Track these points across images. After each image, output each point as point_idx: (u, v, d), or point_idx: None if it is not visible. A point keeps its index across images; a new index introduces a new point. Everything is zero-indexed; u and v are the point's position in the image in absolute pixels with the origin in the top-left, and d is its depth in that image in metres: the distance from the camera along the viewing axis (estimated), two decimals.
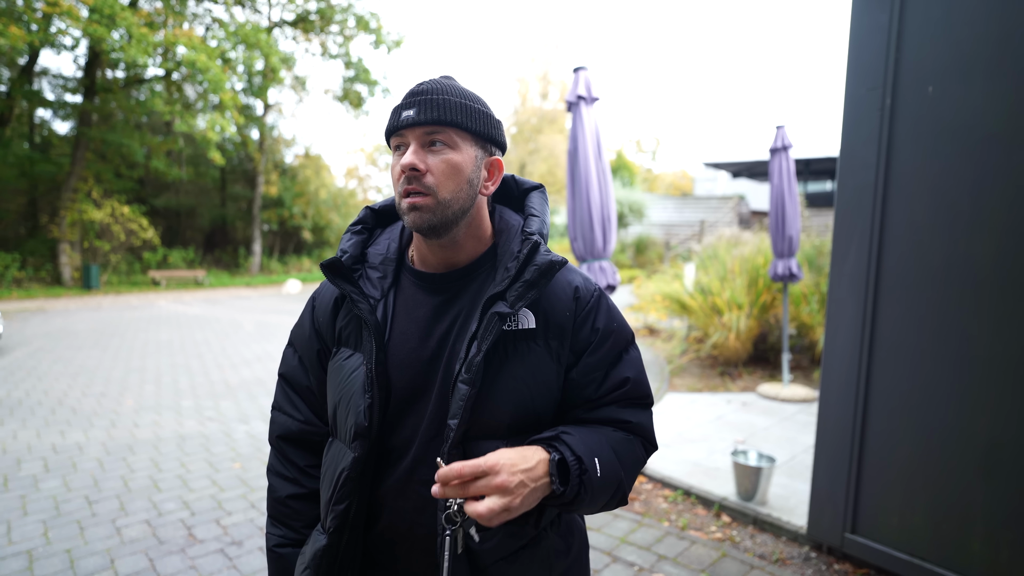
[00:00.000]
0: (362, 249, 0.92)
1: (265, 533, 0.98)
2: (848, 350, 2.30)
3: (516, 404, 0.81)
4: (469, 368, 0.77)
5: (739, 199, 20.28)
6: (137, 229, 16.63)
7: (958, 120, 2.00)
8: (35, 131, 18.04)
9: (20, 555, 2.43)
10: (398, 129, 0.80)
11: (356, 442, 0.81)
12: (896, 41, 2.13)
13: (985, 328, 1.95)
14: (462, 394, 0.77)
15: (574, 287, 0.87)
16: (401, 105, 0.81)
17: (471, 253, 0.87)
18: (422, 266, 0.89)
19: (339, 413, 0.86)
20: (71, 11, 11.82)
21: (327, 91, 21.43)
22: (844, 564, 2.39)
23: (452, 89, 0.81)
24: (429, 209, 0.79)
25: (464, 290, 0.86)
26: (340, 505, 0.82)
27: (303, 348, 0.96)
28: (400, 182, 0.80)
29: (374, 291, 0.87)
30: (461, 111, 0.80)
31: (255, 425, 4.28)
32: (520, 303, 0.78)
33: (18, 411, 4.53)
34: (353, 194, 27.04)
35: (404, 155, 0.79)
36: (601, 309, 0.87)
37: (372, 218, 0.96)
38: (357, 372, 0.84)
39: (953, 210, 2.01)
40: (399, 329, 0.86)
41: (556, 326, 0.84)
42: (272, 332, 8.80)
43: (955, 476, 2.03)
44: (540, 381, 0.83)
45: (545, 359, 0.83)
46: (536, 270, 0.80)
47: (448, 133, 0.79)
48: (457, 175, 0.79)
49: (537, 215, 0.88)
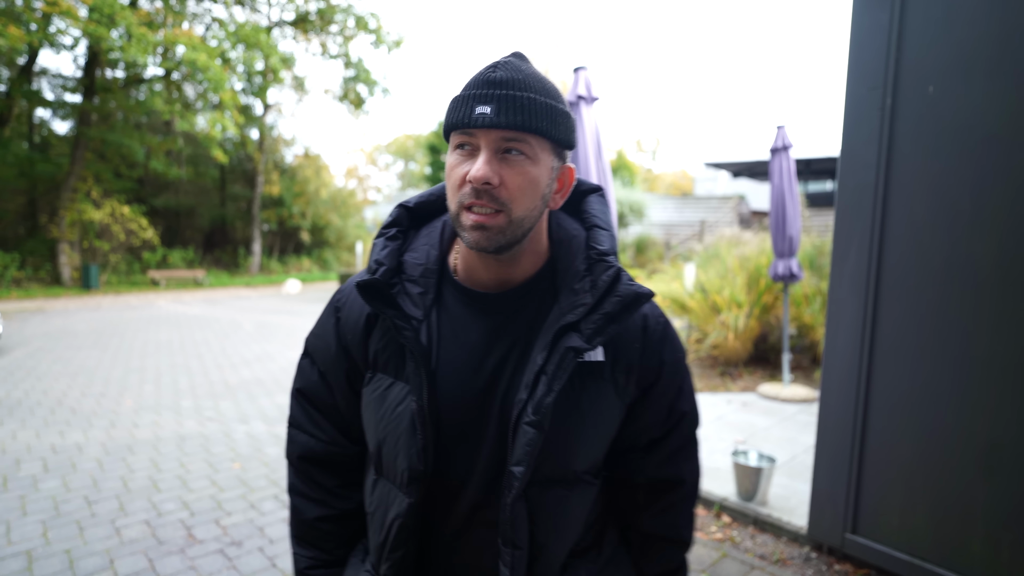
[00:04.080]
0: (398, 258, 0.77)
1: (292, 555, 0.90)
2: (848, 350, 2.30)
3: (582, 445, 0.73)
4: (538, 410, 0.67)
5: (739, 199, 20.28)
6: (137, 229, 16.62)
7: (959, 120, 1.99)
8: (34, 131, 18.02)
9: (19, 555, 2.43)
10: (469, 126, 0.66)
11: (411, 487, 0.72)
12: (897, 41, 2.13)
13: (986, 328, 1.95)
14: (529, 438, 0.67)
15: (643, 315, 0.77)
16: (474, 96, 0.66)
17: (527, 270, 0.75)
18: (469, 281, 0.76)
19: (385, 451, 0.75)
20: (70, 10, 11.81)
21: (327, 91, 21.43)
22: (845, 564, 2.39)
23: (535, 82, 0.67)
24: (499, 230, 0.66)
25: (519, 312, 0.75)
26: (396, 553, 0.74)
27: (326, 365, 0.84)
28: (463, 191, 0.66)
29: (415, 310, 0.74)
30: (547, 115, 0.66)
31: (255, 425, 4.28)
32: (598, 338, 0.69)
33: (17, 411, 4.52)
34: (353, 194, 27.04)
35: (474, 163, 0.66)
36: (668, 339, 0.79)
37: (407, 218, 0.82)
38: (403, 407, 0.73)
39: (954, 210, 2.01)
40: (447, 357, 0.74)
41: (625, 359, 0.75)
42: (272, 332, 8.80)
43: (955, 476, 2.03)
44: (605, 419, 0.74)
45: (611, 397, 0.74)
46: (619, 302, 0.69)
47: (528, 140, 0.66)
48: (534, 190, 0.67)
49: (604, 227, 0.77)
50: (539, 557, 0.73)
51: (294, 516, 0.88)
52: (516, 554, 0.71)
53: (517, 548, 0.71)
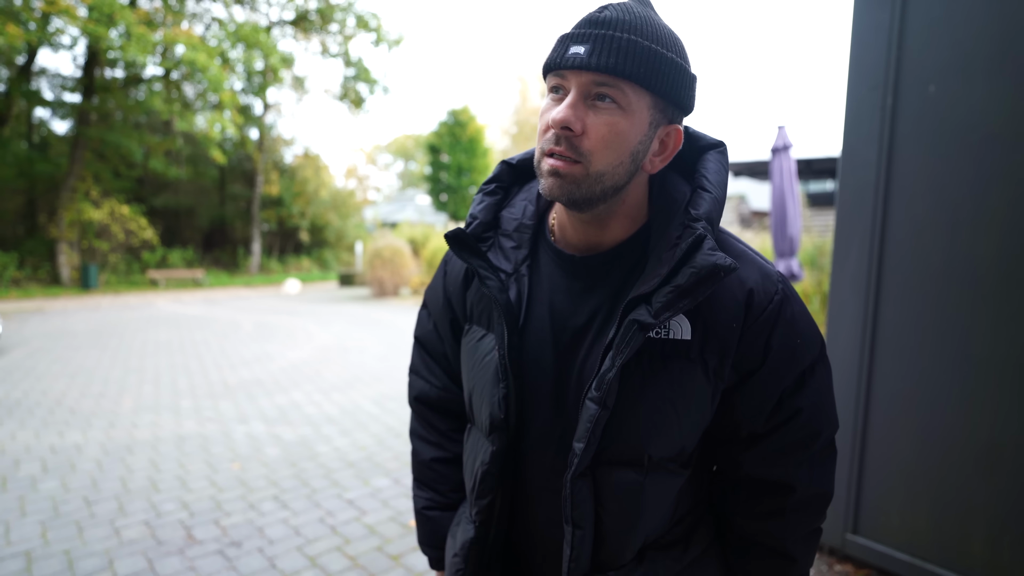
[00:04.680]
0: (495, 213, 0.78)
1: (413, 495, 0.96)
2: (849, 349, 2.30)
3: (658, 427, 0.67)
4: (600, 385, 0.64)
5: (740, 199, 20.28)
6: (136, 229, 16.63)
7: (959, 119, 1.99)
8: (33, 131, 18.02)
9: (18, 556, 2.42)
10: (560, 67, 0.62)
11: (494, 435, 0.73)
12: (897, 40, 2.12)
13: (986, 328, 1.95)
14: (590, 414, 0.64)
15: (748, 289, 0.67)
16: (570, 35, 0.62)
17: (620, 234, 0.70)
18: (561, 242, 0.74)
19: (474, 400, 0.77)
20: (69, 10, 11.81)
21: (327, 90, 21.44)
22: (845, 565, 2.38)
23: (645, 24, 0.61)
24: (574, 179, 0.62)
25: (607, 276, 0.71)
26: (483, 500, 0.76)
27: (437, 314, 0.88)
28: (546, 137, 0.63)
29: (506, 264, 0.74)
30: (648, 60, 0.60)
31: (254, 426, 4.27)
32: (667, 313, 0.61)
33: (16, 411, 4.51)
34: (352, 194, 27.04)
35: (559, 105, 0.62)
36: (780, 321, 0.67)
37: (508, 174, 0.80)
38: (490, 357, 0.74)
39: (954, 209, 2.01)
40: (535, 314, 0.73)
41: (717, 340, 0.66)
42: (271, 332, 8.79)
43: (956, 476, 2.03)
44: (688, 403, 0.67)
45: (699, 379, 0.67)
46: (694, 274, 0.61)
47: (622, 88, 0.60)
48: (620, 145, 0.62)
49: (710, 190, 0.68)
50: (606, 541, 0.70)
51: (414, 458, 0.95)
52: (577, 534, 0.68)
53: (578, 528, 0.68)
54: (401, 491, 3.14)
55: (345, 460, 3.59)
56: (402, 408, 4.73)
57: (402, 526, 2.74)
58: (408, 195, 34.25)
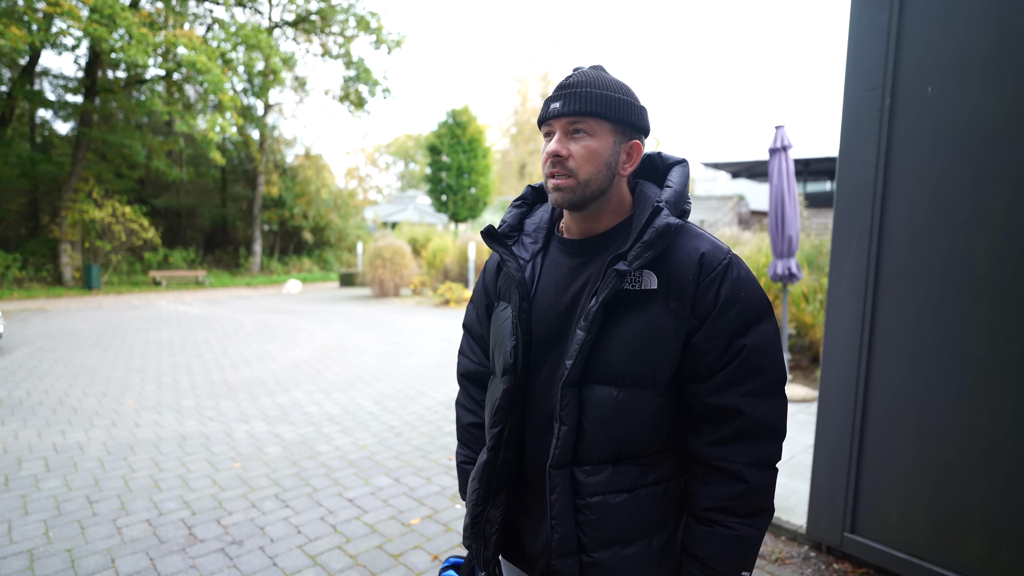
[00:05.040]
0: (520, 220, 1.08)
1: (456, 452, 1.20)
2: (847, 350, 2.31)
3: (630, 354, 0.89)
4: (587, 317, 0.88)
5: (739, 199, 20.26)
6: (138, 229, 16.65)
7: (957, 120, 2.00)
8: (36, 131, 18.07)
9: (21, 554, 2.44)
10: (547, 119, 0.92)
11: (505, 376, 0.97)
12: (895, 41, 2.13)
13: (984, 328, 1.95)
14: (578, 339, 0.88)
15: (701, 253, 0.90)
16: (551, 97, 0.93)
17: (608, 223, 0.97)
18: (567, 234, 1.01)
19: (495, 354, 1.03)
20: (72, 11, 11.83)
21: (327, 91, 21.44)
22: (843, 564, 2.39)
23: (596, 81, 0.91)
24: (570, 189, 0.91)
25: (599, 254, 0.96)
26: (495, 428, 0.98)
27: (478, 303, 1.16)
28: (547, 165, 0.93)
29: (524, 254, 1.02)
30: (601, 102, 0.89)
31: (255, 425, 4.29)
32: (638, 262, 0.86)
33: (19, 411, 4.53)
34: (353, 194, 27.06)
35: (550, 142, 0.92)
36: (728, 277, 0.89)
37: (532, 195, 1.11)
38: (507, 320, 0.99)
39: (952, 210, 2.01)
40: (543, 286, 0.99)
41: (677, 288, 0.89)
42: (273, 332, 8.81)
43: (954, 476, 2.04)
44: (656, 337, 0.89)
45: (664, 318, 0.89)
46: (654, 232, 0.87)
47: (588, 122, 0.90)
48: (595, 159, 0.90)
49: (672, 186, 0.95)
50: (583, 439, 0.91)
51: (457, 423, 1.19)
52: (563, 430, 0.90)
53: (564, 425, 0.90)
54: (401, 490, 3.15)
55: (346, 459, 3.60)
56: (402, 408, 4.74)
57: (403, 525, 2.75)
58: (409, 195, 34.29)
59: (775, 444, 0.91)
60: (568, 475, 0.91)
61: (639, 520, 0.92)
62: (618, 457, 0.92)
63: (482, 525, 1.02)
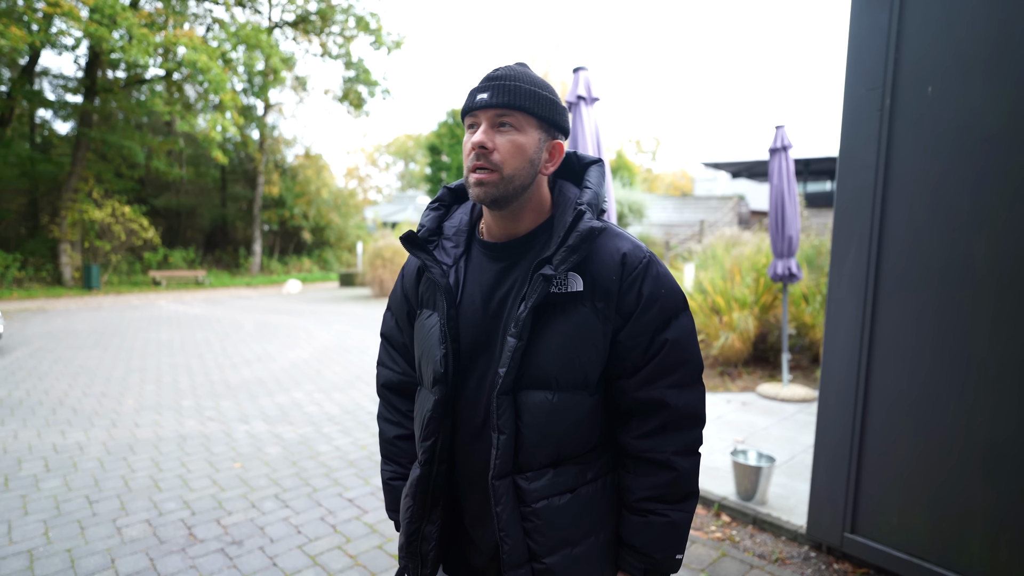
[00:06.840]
0: (439, 224, 1.03)
1: (380, 469, 1.15)
2: (848, 350, 2.30)
3: (561, 358, 0.89)
4: (517, 323, 0.87)
5: (739, 199, 20.26)
6: (138, 229, 16.65)
7: (958, 120, 2.00)
8: (36, 131, 18.05)
9: (21, 555, 2.44)
10: (472, 109, 0.88)
11: (436, 387, 0.93)
12: (896, 41, 2.13)
13: (985, 328, 1.95)
14: (510, 346, 0.87)
15: (622, 253, 0.91)
16: (477, 88, 0.89)
17: (530, 224, 0.95)
18: (488, 237, 0.98)
19: (422, 364, 0.99)
20: (72, 11, 11.83)
21: (327, 91, 21.44)
22: (844, 564, 2.39)
23: (524, 76, 0.89)
24: (493, 184, 0.87)
25: (523, 257, 0.94)
26: (427, 441, 0.95)
27: (397, 311, 1.11)
28: (470, 158, 0.88)
29: (447, 259, 0.98)
30: (529, 97, 0.87)
31: (255, 425, 4.29)
32: (563, 266, 0.86)
33: (19, 411, 4.53)
34: (353, 194, 27.05)
35: (475, 134, 0.88)
36: (648, 276, 0.91)
37: (449, 196, 1.07)
38: (434, 328, 0.95)
39: (953, 210, 2.01)
40: (468, 292, 0.96)
41: (602, 289, 0.90)
42: (272, 332, 8.81)
43: (954, 476, 2.03)
44: (585, 338, 0.89)
45: (591, 319, 0.89)
46: (578, 236, 0.86)
47: (516, 116, 0.87)
48: (521, 154, 0.88)
49: (591, 187, 0.94)
50: (523, 447, 0.90)
51: (380, 437, 1.14)
52: (501, 439, 0.88)
53: (502, 434, 0.88)
54: None
55: (346, 459, 3.60)
56: None
57: None
58: (409, 195, 34.26)
59: (697, 431, 0.96)
60: (511, 484, 0.90)
61: (584, 519, 0.94)
62: (557, 459, 0.93)
63: (418, 543, 0.99)
